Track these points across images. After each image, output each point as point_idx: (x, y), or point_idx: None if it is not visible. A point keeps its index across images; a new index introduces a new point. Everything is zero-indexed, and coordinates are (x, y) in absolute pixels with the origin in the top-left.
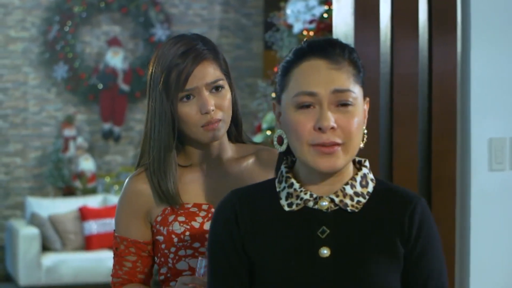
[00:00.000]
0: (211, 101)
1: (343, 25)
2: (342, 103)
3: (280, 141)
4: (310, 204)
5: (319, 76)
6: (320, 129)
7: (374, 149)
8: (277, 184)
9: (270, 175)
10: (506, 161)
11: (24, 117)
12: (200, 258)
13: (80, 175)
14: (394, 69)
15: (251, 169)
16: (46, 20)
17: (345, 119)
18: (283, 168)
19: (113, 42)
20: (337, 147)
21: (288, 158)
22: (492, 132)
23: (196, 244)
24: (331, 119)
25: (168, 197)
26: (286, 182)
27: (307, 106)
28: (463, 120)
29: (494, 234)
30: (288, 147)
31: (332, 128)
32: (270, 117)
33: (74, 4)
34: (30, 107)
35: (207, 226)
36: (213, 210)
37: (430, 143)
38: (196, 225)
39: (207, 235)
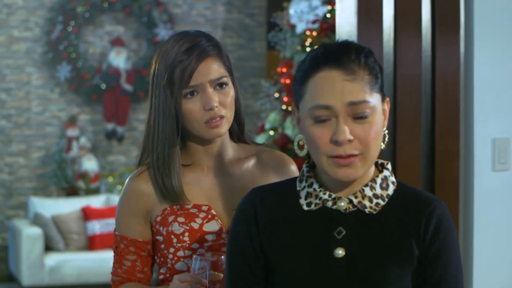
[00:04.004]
0: (215, 97)
1: (346, 25)
2: (358, 116)
3: (301, 146)
4: (329, 204)
5: (333, 89)
6: (336, 142)
7: None
8: (298, 183)
9: (271, 176)
10: (510, 161)
11: (27, 117)
12: (194, 257)
13: (83, 175)
14: (397, 69)
15: (252, 170)
16: (50, 20)
17: (362, 130)
18: (304, 168)
19: (116, 42)
20: (354, 158)
21: (310, 158)
22: (495, 132)
23: (195, 245)
24: (347, 132)
25: (172, 194)
26: (306, 181)
27: (324, 120)
28: (466, 120)
29: (497, 234)
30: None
31: (349, 140)
32: (273, 117)
33: (77, 4)
34: (33, 107)
35: (206, 227)
36: (212, 211)
37: (433, 143)
38: (195, 226)
39: (206, 237)
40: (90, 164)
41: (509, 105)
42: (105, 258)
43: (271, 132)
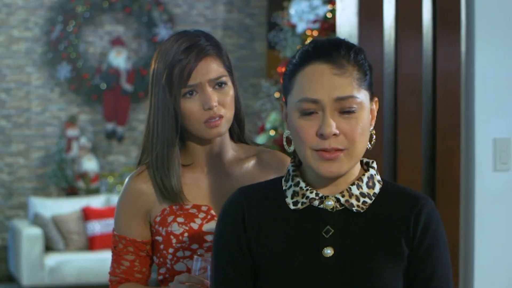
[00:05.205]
0: (214, 97)
1: (347, 25)
2: (345, 110)
3: (289, 142)
4: (316, 203)
5: (321, 83)
6: (322, 135)
7: (378, 149)
8: (283, 183)
9: (271, 177)
10: (511, 161)
11: (27, 117)
12: (195, 257)
13: (83, 175)
14: (398, 69)
15: (252, 171)
16: (49, 20)
17: (349, 125)
18: (290, 167)
19: (116, 42)
20: (339, 152)
21: (295, 157)
22: (496, 132)
23: (194, 246)
24: (333, 126)
25: (171, 194)
26: (292, 180)
27: (310, 113)
28: (467, 120)
29: (498, 234)
30: None
31: (335, 134)
32: (273, 117)
33: (77, 4)
34: (33, 107)
35: (205, 227)
36: (212, 212)
37: (434, 143)
38: (195, 226)
39: (205, 237)
40: (90, 164)
41: (510, 105)
42: (105, 259)
43: (272, 132)
